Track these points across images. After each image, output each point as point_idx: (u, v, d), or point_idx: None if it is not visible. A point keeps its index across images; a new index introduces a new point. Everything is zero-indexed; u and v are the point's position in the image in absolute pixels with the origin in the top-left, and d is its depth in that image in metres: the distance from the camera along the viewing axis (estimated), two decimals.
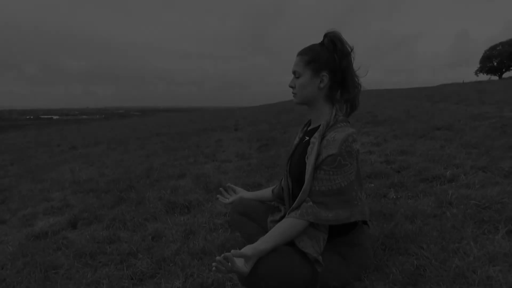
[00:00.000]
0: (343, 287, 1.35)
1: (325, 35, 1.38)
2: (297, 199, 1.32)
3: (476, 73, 51.40)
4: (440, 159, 2.92)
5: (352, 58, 1.36)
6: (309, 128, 1.49)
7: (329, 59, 1.35)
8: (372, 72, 1.42)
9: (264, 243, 1.25)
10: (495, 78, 45.64)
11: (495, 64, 48.10)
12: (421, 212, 1.90)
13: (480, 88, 12.24)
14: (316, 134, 1.34)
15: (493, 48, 48.13)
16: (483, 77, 48.97)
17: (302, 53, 1.40)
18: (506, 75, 47.39)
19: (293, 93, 1.44)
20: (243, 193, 1.81)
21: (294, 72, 1.42)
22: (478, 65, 50.37)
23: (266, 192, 1.76)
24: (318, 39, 1.41)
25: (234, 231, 2.06)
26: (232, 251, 1.16)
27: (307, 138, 1.43)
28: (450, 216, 1.81)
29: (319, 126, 1.39)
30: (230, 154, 4.70)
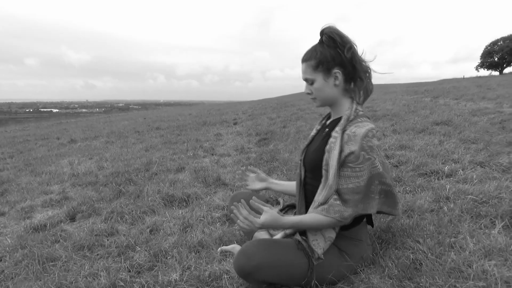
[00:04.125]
0: (339, 280, 1.36)
1: (322, 33, 1.37)
2: (323, 195, 1.33)
3: (476, 69, 51.25)
4: (439, 154, 2.92)
5: (355, 46, 1.36)
6: (328, 121, 1.50)
7: (335, 55, 1.35)
8: (373, 66, 1.42)
9: (285, 219, 1.31)
10: (496, 73, 45.53)
11: (496, 59, 47.93)
12: (418, 207, 1.91)
13: (480, 84, 12.20)
14: (338, 128, 1.35)
15: (494, 43, 47.93)
16: (484, 72, 48.85)
17: (306, 59, 1.40)
18: (506, 70, 47.27)
19: (312, 98, 1.45)
20: (271, 183, 1.74)
21: (306, 80, 1.42)
22: (479, 61, 50.21)
23: (292, 186, 1.70)
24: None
25: (232, 223, 2.07)
26: (254, 197, 1.32)
27: (327, 130, 1.45)
28: (447, 211, 1.82)
29: (338, 119, 1.41)
30: (229, 148, 4.70)
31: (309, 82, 1.41)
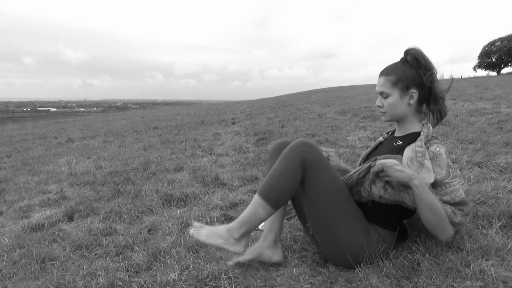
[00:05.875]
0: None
1: (407, 52, 1.45)
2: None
3: (474, 69, 51.36)
4: None
5: (435, 71, 1.44)
6: (395, 135, 1.58)
7: (415, 76, 1.42)
8: (372, 66, 1.47)
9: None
10: (493, 74, 45.65)
11: (493, 60, 48.04)
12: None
13: (478, 84, 12.24)
14: (419, 143, 1.39)
15: (491, 43, 48.05)
16: (482, 72, 48.96)
17: (387, 74, 1.47)
18: (504, 71, 47.40)
19: (381, 112, 1.52)
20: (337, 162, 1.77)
21: (381, 93, 1.48)
22: (477, 61, 50.31)
23: None
24: (321, 35, 1.43)
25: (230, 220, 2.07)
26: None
27: (400, 142, 1.50)
28: None
29: (411, 134, 1.48)
30: (227, 147, 4.70)
31: (384, 95, 1.48)
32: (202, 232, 1.46)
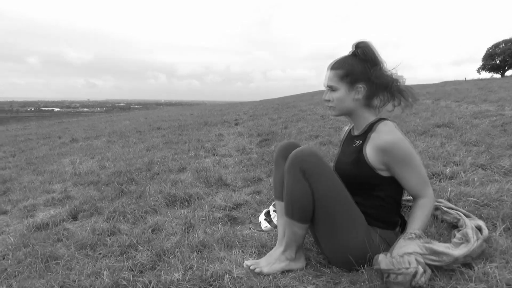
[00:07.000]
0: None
1: (357, 46, 1.42)
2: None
3: (478, 71, 51.12)
4: (440, 156, 2.93)
5: (384, 65, 1.42)
6: (353, 133, 1.56)
7: (364, 71, 1.40)
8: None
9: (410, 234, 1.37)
10: (497, 76, 45.43)
11: (497, 62, 47.81)
12: None
13: (482, 86, 12.20)
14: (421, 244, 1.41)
15: (495, 46, 47.82)
16: (486, 75, 48.73)
17: (335, 67, 1.44)
18: (508, 73, 47.17)
19: (330, 106, 1.49)
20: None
21: (329, 87, 1.46)
22: (481, 63, 50.07)
23: None
24: (322, 35, 1.43)
25: (234, 224, 2.08)
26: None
27: (357, 142, 1.49)
28: None
29: (362, 133, 1.48)
30: (230, 148, 4.71)
31: (332, 89, 1.45)
32: (261, 264, 1.52)
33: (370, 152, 1.40)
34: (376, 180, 1.42)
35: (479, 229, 1.52)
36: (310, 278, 1.45)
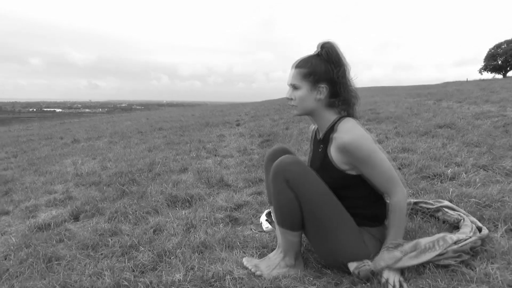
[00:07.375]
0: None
1: (322, 46, 1.42)
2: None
3: (480, 72, 51.05)
4: (442, 157, 2.92)
5: (348, 68, 1.42)
6: (318, 137, 1.55)
7: (327, 71, 1.39)
8: (376, 69, 1.46)
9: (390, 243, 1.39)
10: (499, 76, 45.34)
11: (499, 62, 47.76)
12: (421, 209, 1.91)
13: (483, 87, 12.18)
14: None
15: (497, 46, 47.76)
16: (487, 75, 48.67)
17: (299, 66, 1.43)
18: (510, 73, 47.08)
19: (292, 104, 1.48)
20: None
21: (292, 85, 1.45)
22: (483, 63, 50.01)
23: None
24: (322, 35, 1.44)
25: (236, 225, 2.08)
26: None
27: (321, 146, 1.49)
28: None
29: (324, 137, 1.47)
30: (232, 149, 4.71)
31: (294, 87, 1.44)
32: (261, 268, 1.53)
33: (334, 154, 1.40)
34: (349, 181, 1.41)
35: (479, 229, 1.52)
36: (311, 279, 1.45)
